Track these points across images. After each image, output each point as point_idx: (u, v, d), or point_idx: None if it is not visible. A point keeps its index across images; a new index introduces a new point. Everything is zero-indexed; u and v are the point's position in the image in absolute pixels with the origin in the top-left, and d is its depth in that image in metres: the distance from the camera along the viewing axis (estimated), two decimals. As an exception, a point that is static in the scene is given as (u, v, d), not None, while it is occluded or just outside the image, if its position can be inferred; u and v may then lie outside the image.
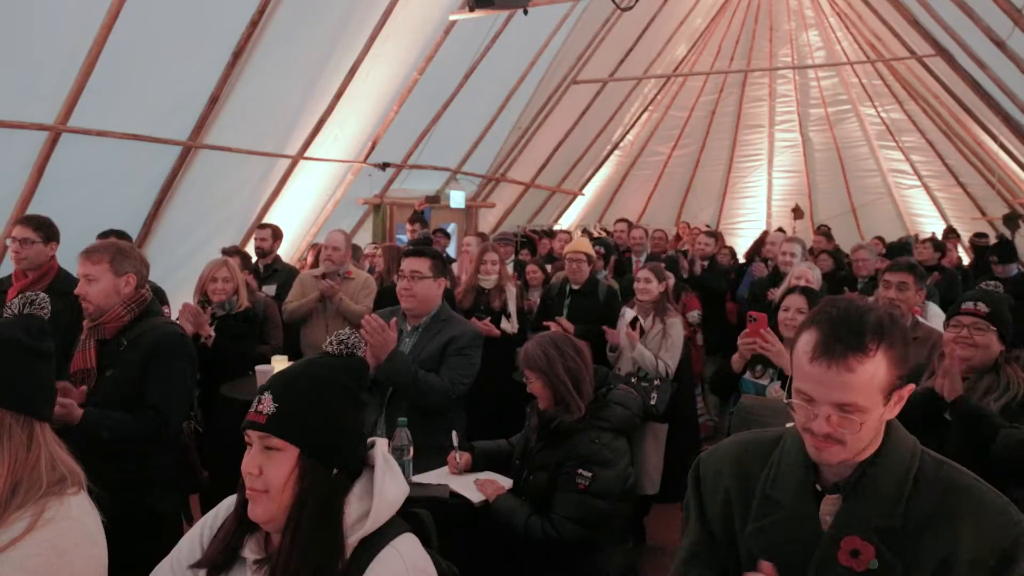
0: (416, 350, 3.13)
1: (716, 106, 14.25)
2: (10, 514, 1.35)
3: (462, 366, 3.11)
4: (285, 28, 5.91)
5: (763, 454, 1.44)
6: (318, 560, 1.30)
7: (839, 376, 1.26)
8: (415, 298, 3.15)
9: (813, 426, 1.29)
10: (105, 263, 2.55)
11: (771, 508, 1.37)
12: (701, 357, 6.19)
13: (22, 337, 1.49)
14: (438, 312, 3.22)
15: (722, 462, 1.47)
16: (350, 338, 1.48)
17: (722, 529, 1.44)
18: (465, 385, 3.12)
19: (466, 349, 3.14)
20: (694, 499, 1.50)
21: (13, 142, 4.83)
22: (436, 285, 3.19)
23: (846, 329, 1.27)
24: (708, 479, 1.48)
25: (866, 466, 1.32)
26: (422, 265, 3.15)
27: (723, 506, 1.44)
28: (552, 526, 2.56)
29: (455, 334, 3.15)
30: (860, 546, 1.27)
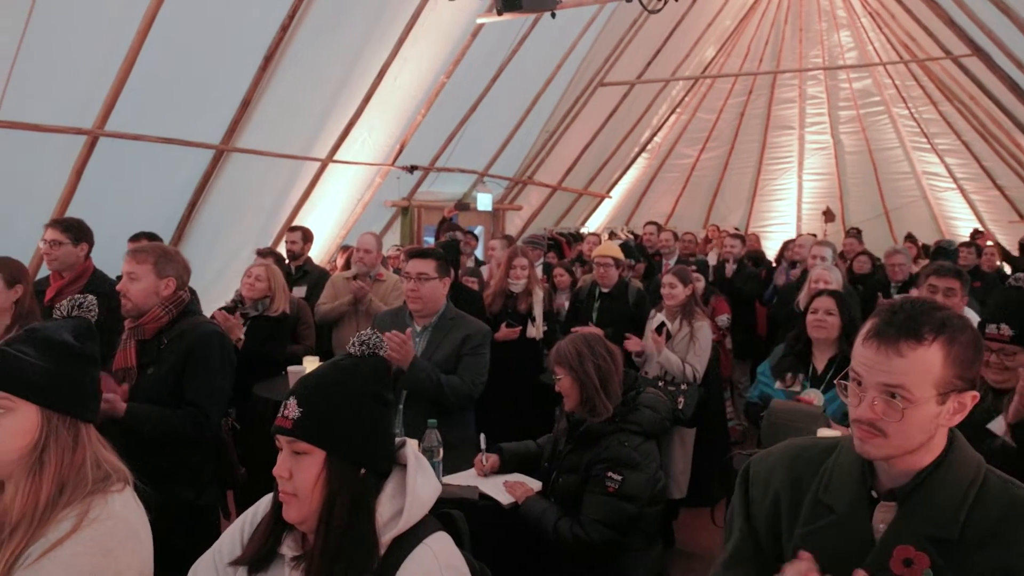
0: (429, 350, 3.19)
1: (745, 108, 14.13)
2: (57, 513, 1.38)
3: (478, 364, 3.19)
4: (315, 33, 5.98)
5: (816, 460, 1.42)
6: (351, 558, 1.32)
7: (887, 358, 1.25)
8: (422, 299, 3.20)
9: (858, 412, 1.28)
10: (149, 264, 2.62)
11: (822, 513, 1.36)
12: (730, 361, 6.14)
13: (70, 340, 1.52)
14: (444, 311, 3.28)
15: (774, 466, 1.46)
16: (371, 338, 1.49)
17: (769, 533, 1.43)
18: (483, 382, 3.19)
19: (480, 347, 3.21)
20: (741, 501, 1.49)
21: (52, 146, 4.94)
22: (442, 285, 3.24)
23: (904, 316, 1.27)
24: (758, 482, 1.47)
25: (925, 475, 1.29)
26: (427, 266, 3.18)
27: (772, 509, 1.42)
28: (581, 528, 2.55)
29: (469, 333, 3.20)
30: (914, 555, 1.24)
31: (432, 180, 9.34)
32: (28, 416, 1.42)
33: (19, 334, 1.51)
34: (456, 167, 9.40)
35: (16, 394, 1.42)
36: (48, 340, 1.49)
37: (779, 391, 3.23)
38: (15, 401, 1.42)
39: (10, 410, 1.42)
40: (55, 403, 1.45)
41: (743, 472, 1.51)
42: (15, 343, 1.47)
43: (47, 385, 1.44)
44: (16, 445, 1.41)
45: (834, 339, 3.26)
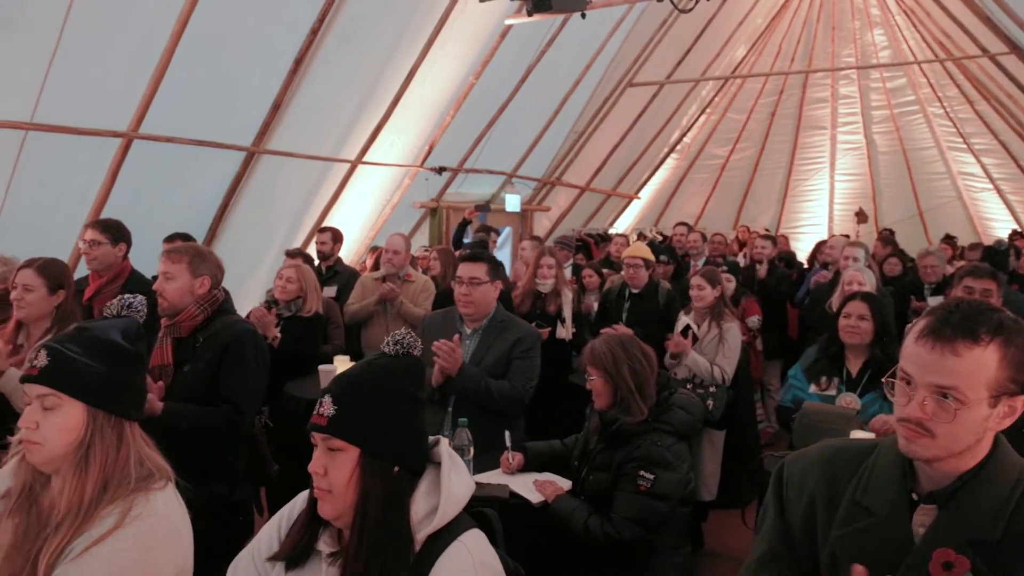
0: (479, 353, 3.16)
1: (776, 108, 13.98)
2: (101, 509, 1.41)
3: (528, 368, 3.15)
4: (344, 35, 6.03)
5: (854, 461, 1.40)
6: (386, 555, 1.33)
7: (942, 357, 1.23)
8: (474, 304, 3.17)
9: (907, 411, 1.26)
10: (184, 263, 2.67)
11: (860, 515, 1.34)
12: (761, 362, 6.07)
13: (119, 340, 1.55)
14: (495, 314, 3.25)
15: (809, 466, 1.44)
16: (405, 338, 1.50)
17: (803, 534, 1.41)
18: (533, 387, 3.15)
19: (530, 351, 3.18)
20: (775, 502, 1.47)
21: (88, 148, 5.04)
22: (493, 288, 3.21)
23: (961, 316, 1.25)
24: (793, 482, 1.45)
25: (967, 477, 1.27)
26: (479, 270, 3.16)
27: (807, 510, 1.41)
28: (612, 526, 2.55)
29: (519, 336, 3.17)
30: (954, 559, 1.22)
31: (461, 181, 9.37)
32: (75, 414, 1.46)
33: (69, 332, 1.54)
34: (484, 168, 9.42)
35: (65, 392, 1.45)
36: (98, 340, 1.52)
37: (813, 394, 3.18)
38: (63, 399, 1.45)
39: (58, 407, 1.45)
40: (102, 402, 1.48)
41: (777, 472, 1.49)
42: (66, 341, 1.50)
43: (95, 384, 1.47)
44: (63, 441, 1.44)
45: (868, 343, 3.20)
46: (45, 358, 1.46)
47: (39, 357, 1.47)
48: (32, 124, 4.56)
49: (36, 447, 1.44)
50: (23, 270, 2.88)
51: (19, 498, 1.49)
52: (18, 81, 4.40)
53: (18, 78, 4.39)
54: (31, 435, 1.44)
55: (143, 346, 1.62)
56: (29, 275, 2.85)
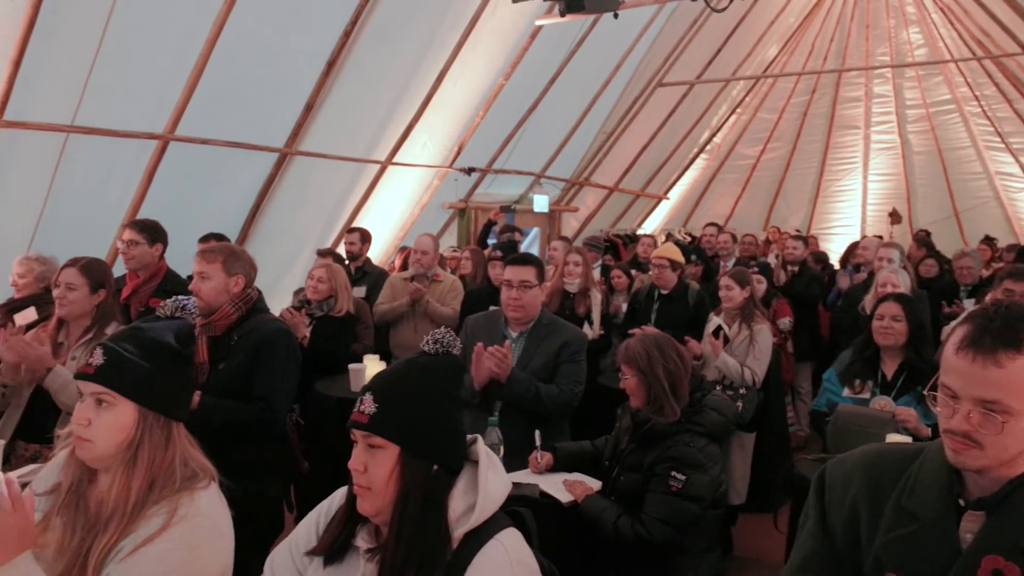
0: (525, 357, 3.12)
1: (808, 107, 13.79)
2: (147, 509, 1.43)
3: (576, 372, 3.11)
4: (376, 37, 6.08)
5: (898, 466, 1.37)
6: (424, 552, 1.35)
7: (984, 370, 1.19)
8: (523, 308, 3.12)
9: (952, 423, 1.23)
10: (218, 263, 2.72)
11: (905, 521, 1.31)
12: (792, 365, 6.01)
13: (172, 341, 1.57)
14: (540, 316, 3.21)
15: (852, 471, 1.41)
16: (445, 337, 1.51)
17: (846, 539, 1.39)
18: (581, 391, 3.11)
19: (578, 355, 3.14)
20: (816, 507, 1.45)
21: (126, 150, 5.14)
22: (540, 291, 3.19)
23: (1001, 323, 1.20)
24: (835, 487, 1.42)
25: (1017, 483, 1.24)
26: (529, 273, 3.11)
27: (850, 515, 1.38)
28: (643, 526, 2.54)
29: (566, 340, 3.13)
30: (1003, 566, 1.20)
31: (489, 182, 9.40)
32: (127, 413, 1.48)
33: (125, 331, 1.57)
34: (513, 169, 9.43)
35: (119, 392, 1.47)
36: (153, 341, 1.54)
37: (847, 398, 3.14)
38: (117, 398, 1.47)
39: (111, 406, 1.47)
40: (153, 403, 1.50)
41: (818, 477, 1.46)
42: (121, 341, 1.52)
43: (148, 385, 1.49)
44: (114, 440, 1.47)
45: (902, 345, 3.15)
46: (101, 357, 1.49)
47: (95, 356, 1.49)
48: (73, 127, 4.67)
49: (87, 444, 1.46)
50: (66, 269, 2.94)
51: (67, 495, 1.51)
52: (60, 85, 4.51)
53: (60, 82, 4.50)
54: (82, 432, 1.46)
55: (192, 348, 1.65)
56: (72, 274, 2.91)
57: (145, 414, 1.49)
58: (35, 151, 4.61)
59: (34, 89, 4.35)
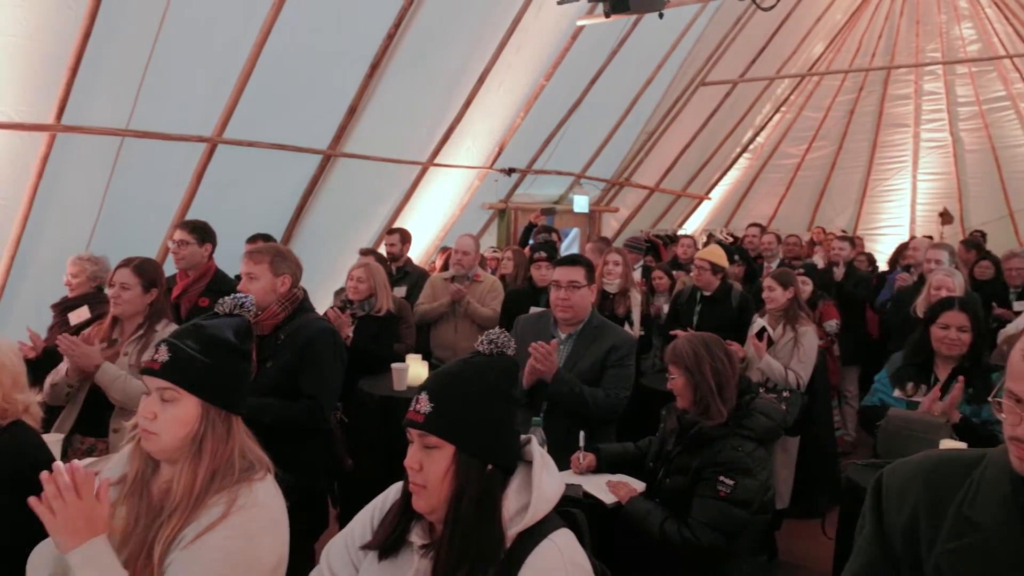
0: (572, 359, 3.10)
1: (855, 105, 13.51)
2: (208, 499, 1.49)
3: (623, 377, 3.08)
4: (420, 40, 6.13)
5: (959, 473, 1.33)
6: (477, 551, 1.36)
7: None
8: (572, 308, 3.10)
9: (1019, 431, 1.19)
10: (265, 263, 2.78)
11: (968, 529, 1.27)
12: (838, 368, 5.89)
13: (231, 337, 1.62)
14: (590, 318, 3.18)
15: (910, 477, 1.38)
16: (500, 337, 1.52)
17: (905, 547, 1.35)
18: (627, 396, 3.09)
19: (626, 359, 3.10)
20: (873, 514, 1.42)
21: (176, 153, 5.27)
22: (590, 292, 3.15)
23: None
24: (892, 494, 1.39)
25: None
26: (578, 274, 3.09)
27: (908, 523, 1.35)
28: (690, 530, 2.52)
29: (615, 343, 3.09)
30: None
31: (529, 182, 9.40)
32: (191, 408, 1.53)
33: (187, 328, 1.62)
34: (553, 169, 9.43)
35: (183, 387, 1.53)
36: (214, 338, 1.59)
37: (899, 400, 3.07)
38: (181, 393, 1.53)
39: (176, 401, 1.53)
40: (215, 398, 1.55)
41: (875, 482, 1.43)
42: (184, 338, 1.58)
43: (210, 381, 1.55)
44: (179, 434, 1.52)
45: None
46: (166, 353, 1.54)
47: (160, 352, 1.55)
48: (128, 131, 4.81)
49: (152, 437, 1.52)
50: (121, 269, 3.02)
51: (132, 484, 1.57)
52: (116, 90, 4.64)
53: (117, 87, 4.64)
54: (148, 425, 1.52)
55: (251, 344, 1.69)
56: (126, 274, 2.99)
57: (207, 408, 1.54)
58: (92, 154, 4.75)
59: (90, 94, 4.49)
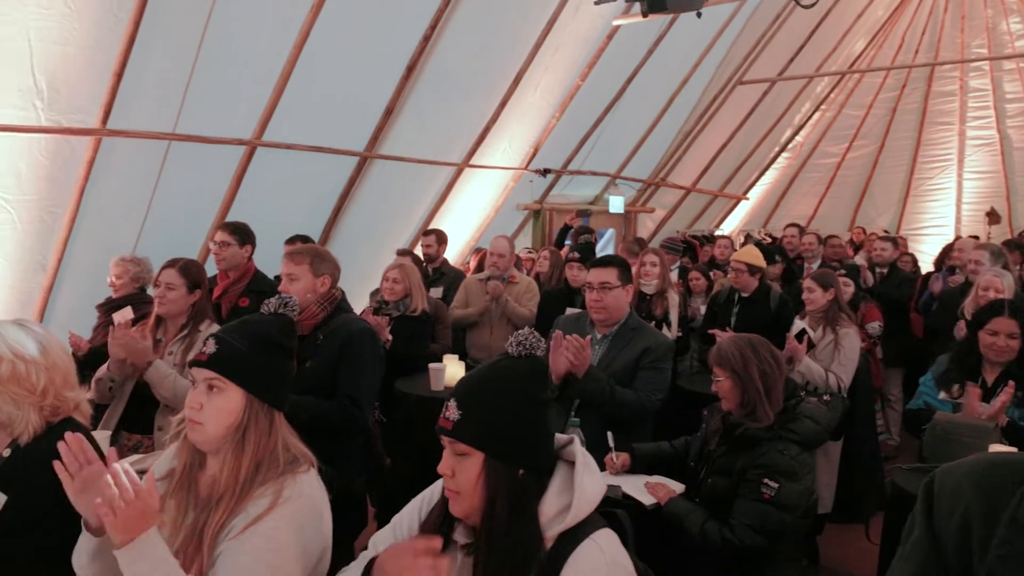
0: (607, 359, 3.10)
1: (898, 103, 13.23)
2: (254, 490, 1.54)
3: (656, 380, 3.06)
4: (455, 42, 6.16)
5: (1013, 476, 1.29)
6: (515, 554, 1.36)
7: None
8: (606, 309, 3.11)
9: None
10: (306, 264, 2.82)
11: (1019, 535, 1.24)
12: (881, 371, 5.77)
13: (276, 334, 1.69)
14: (627, 320, 3.18)
15: (962, 479, 1.35)
16: (528, 339, 1.51)
17: (957, 552, 1.32)
18: (660, 399, 3.07)
19: (660, 361, 3.08)
20: (923, 516, 1.39)
21: (217, 156, 5.37)
22: (624, 293, 3.15)
23: None
24: (944, 496, 1.36)
25: None
26: (610, 275, 3.10)
27: (960, 527, 1.32)
28: (732, 532, 2.49)
29: (649, 346, 3.08)
30: None
31: (565, 183, 9.39)
32: (235, 398, 1.59)
33: (234, 324, 1.70)
34: (589, 170, 9.39)
35: (228, 378, 1.59)
36: (258, 334, 1.66)
37: (944, 403, 2.99)
38: (226, 384, 1.59)
39: (222, 390, 1.59)
40: (258, 390, 1.61)
41: (926, 486, 1.40)
42: (231, 332, 1.66)
43: (253, 373, 1.61)
44: (223, 423, 1.58)
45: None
46: (214, 346, 1.62)
47: (208, 345, 1.62)
48: (174, 135, 4.91)
49: (198, 427, 1.58)
50: (166, 269, 3.08)
51: (180, 478, 1.63)
52: (164, 95, 4.75)
53: (164, 92, 4.74)
54: (195, 415, 1.58)
55: (293, 342, 1.75)
56: (172, 274, 3.06)
57: (251, 400, 1.60)
58: (136, 158, 4.86)
59: (135, 100, 4.59)
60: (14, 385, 1.75)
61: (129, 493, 1.39)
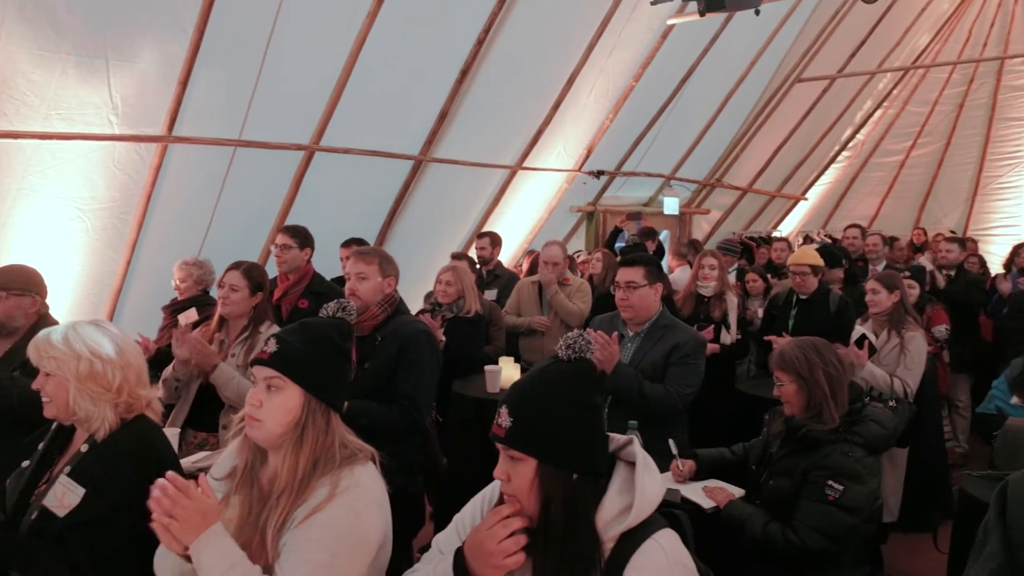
0: (638, 356, 3.15)
1: (965, 98, 12.77)
2: (313, 483, 1.58)
3: (686, 375, 3.08)
4: (509, 45, 6.19)
5: None
6: (573, 556, 1.37)
7: None
8: (632, 308, 3.18)
9: None
10: (375, 264, 2.88)
11: None
12: (948, 376, 5.58)
13: (335, 337, 1.74)
14: (658, 318, 3.22)
15: None
16: (578, 341, 1.50)
17: None
18: (690, 394, 3.08)
19: (690, 357, 3.11)
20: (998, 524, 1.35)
21: (277, 161, 5.51)
22: (653, 292, 3.19)
23: None
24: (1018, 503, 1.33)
25: None
26: (636, 274, 3.16)
27: None
28: (795, 534, 2.44)
29: (678, 341, 3.12)
30: None
31: (619, 185, 9.33)
32: (294, 397, 1.63)
33: (295, 326, 1.75)
34: (643, 171, 9.32)
35: (289, 377, 1.63)
36: (319, 335, 1.71)
37: (1017, 408, 2.88)
38: (286, 383, 1.63)
39: (281, 389, 1.63)
40: (317, 390, 1.65)
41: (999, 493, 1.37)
42: (292, 333, 1.70)
43: (312, 373, 1.65)
44: (282, 420, 1.62)
45: None
46: (275, 345, 1.66)
47: (270, 344, 1.67)
48: (239, 140, 5.06)
49: (258, 424, 1.62)
50: (231, 271, 3.17)
51: (242, 475, 1.68)
52: (230, 103, 4.91)
53: (226, 100, 4.89)
54: (255, 412, 1.63)
55: (351, 345, 1.80)
56: (236, 276, 3.14)
57: (309, 399, 1.64)
58: (200, 164, 5.02)
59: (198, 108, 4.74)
60: (92, 383, 1.84)
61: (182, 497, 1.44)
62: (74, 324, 1.92)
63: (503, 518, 1.41)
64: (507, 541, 1.39)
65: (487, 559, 1.39)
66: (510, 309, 5.13)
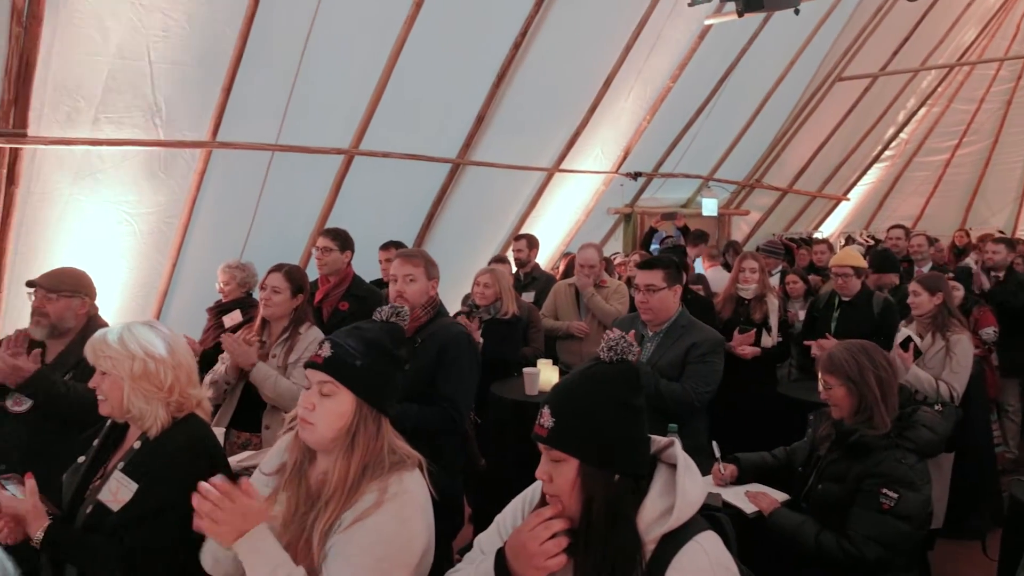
0: (656, 355, 3.22)
1: (1013, 95, 12.46)
2: (363, 487, 1.61)
3: (703, 373, 3.14)
4: (546, 47, 6.20)
5: None
6: (615, 557, 1.38)
7: None
8: (651, 311, 3.27)
9: None
10: (421, 267, 2.91)
11: None
12: (997, 379, 5.44)
13: (387, 342, 1.75)
14: (678, 317, 3.30)
15: None
16: (620, 344, 1.51)
17: None
18: (708, 392, 3.14)
19: (708, 356, 3.17)
20: None
21: (317, 165, 5.59)
22: (671, 294, 3.27)
23: None
24: None
25: None
26: (654, 277, 3.25)
27: None
28: (851, 544, 2.40)
29: (696, 340, 3.19)
30: None
31: (657, 186, 9.28)
32: (347, 402, 1.65)
33: (348, 330, 1.75)
34: (680, 172, 9.25)
35: (342, 382, 1.64)
36: (372, 341, 1.71)
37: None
38: (339, 388, 1.65)
39: (334, 395, 1.65)
40: (369, 396, 1.66)
41: None
42: (346, 338, 1.70)
43: (365, 379, 1.66)
44: (334, 425, 1.64)
45: None
46: (329, 350, 1.67)
47: (324, 348, 1.68)
48: (278, 145, 5.15)
49: (310, 427, 1.64)
50: (273, 274, 3.23)
51: (291, 473, 1.71)
52: (268, 108, 4.99)
53: (267, 105, 4.98)
54: (307, 415, 1.64)
55: (404, 351, 1.80)
56: (278, 278, 3.20)
57: (360, 405, 1.65)
58: (243, 168, 5.12)
59: (241, 113, 4.83)
60: (145, 382, 1.89)
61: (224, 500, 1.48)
62: (129, 325, 1.97)
63: (545, 519, 1.42)
64: (549, 543, 1.40)
65: (529, 560, 1.41)
66: (547, 312, 5.13)
